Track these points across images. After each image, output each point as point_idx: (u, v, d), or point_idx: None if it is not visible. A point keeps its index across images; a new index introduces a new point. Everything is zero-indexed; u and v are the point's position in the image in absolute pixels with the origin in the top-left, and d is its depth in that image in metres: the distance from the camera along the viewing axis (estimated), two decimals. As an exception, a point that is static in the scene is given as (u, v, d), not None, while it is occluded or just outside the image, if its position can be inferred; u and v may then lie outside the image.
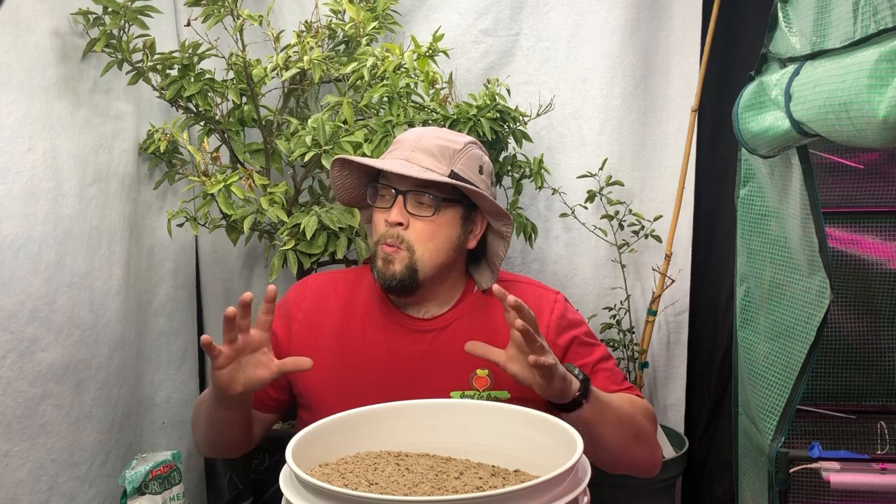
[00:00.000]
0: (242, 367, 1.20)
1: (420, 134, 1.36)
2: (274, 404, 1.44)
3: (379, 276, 1.32)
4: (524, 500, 0.84)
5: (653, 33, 2.20)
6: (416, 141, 1.34)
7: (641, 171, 2.24)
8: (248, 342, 1.19)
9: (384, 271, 1.31)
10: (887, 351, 1.88)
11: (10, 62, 1.53)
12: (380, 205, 1.34)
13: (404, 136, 1.38)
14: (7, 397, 1.52)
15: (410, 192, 1.31)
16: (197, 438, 1.42)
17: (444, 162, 1.31)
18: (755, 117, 1.52)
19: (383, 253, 1.31)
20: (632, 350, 2.15)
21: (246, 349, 1.20)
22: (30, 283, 1.56)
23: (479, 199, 1.34)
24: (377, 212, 1.34)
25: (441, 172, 1.30)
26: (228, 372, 1.19)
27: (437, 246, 1.33)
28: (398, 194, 1.31)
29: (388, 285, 1.32)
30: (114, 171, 1.83)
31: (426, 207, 1.32)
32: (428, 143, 1.33)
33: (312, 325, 1.40)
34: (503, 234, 1.39)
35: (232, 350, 1.18)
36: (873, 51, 1.05)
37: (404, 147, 1.34)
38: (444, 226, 1.33)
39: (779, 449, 1.52)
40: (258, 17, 1.79)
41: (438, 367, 1.34)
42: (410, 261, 1.31)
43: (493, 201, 1.33)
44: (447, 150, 1.33)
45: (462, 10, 2.18)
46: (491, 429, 1.10)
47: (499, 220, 1.37)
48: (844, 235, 1.90)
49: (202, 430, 1.37)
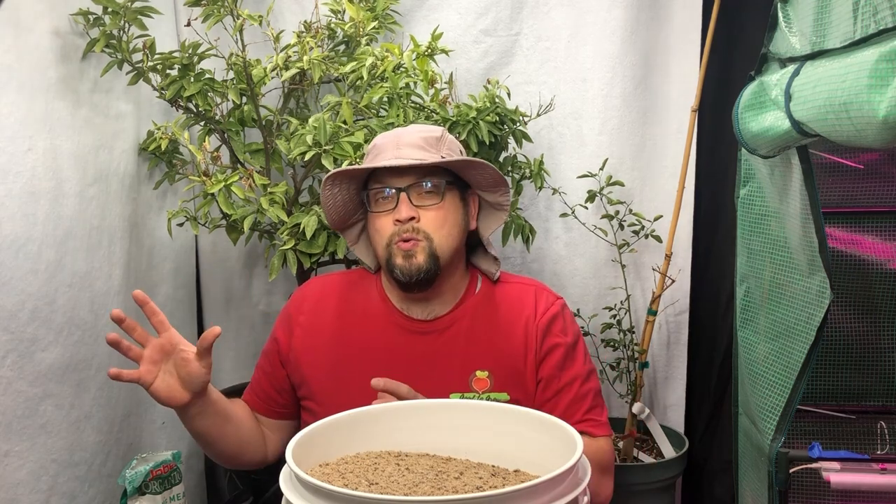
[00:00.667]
0: (171, 373, 1.20)
1: (397, 134, 1.37)
2: (283, 409, 1.43)
3: (403, 273, 1.30)
4: (524, 500, 0.84)
5: (653, 33, 2.20)
6: (397, 140, 1.34)
7: (641, 171, 2.24)
8: (158, 348, 1.19)
9: (408, 267, 1.30)
10: (887, 351, 1.88)
11: (10, 62, 1.53)
12: (381, 208, 1.34)
13: (382, 141, 1.37)
14: (7, 397, 1.52)
15: (412, 186, 1.31)
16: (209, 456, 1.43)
17: (432, 150, 1.33)
18: (755, 117, 1.52)
19: (402, 250, 1.30)
20: (632, 350, 2.15)
21: (161, 357, 1.19)
22: (30, 283, 1.56)
23: (481, 170, 1.34)
24: (379, 216, 1.34)
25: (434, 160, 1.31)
26: (162, 384, 1.19)
27: (449, 230, 1.34)
28: (399, 192, 1.31)
29: (415, 279, 1.30)
30: (114, 171, 1.83)
31: (432, 195, 1.32)
32: (409, 139, 1.34)
33: (313, 327, 1.40)
34: (501, 204, 1.39)
35: (147, 363, 1.18)
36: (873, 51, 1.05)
37: (388, 148, 1.34)
38: (451, 210, 1.34)
39: (779, 449, 1.52)
40: (258, 17, 1.79)
41: (438, 369, 1.34)
42: (430, 248, 1.31)
43: (495, 168, 1.35)
44: (430, 139, 1.34)
45: (462, 10, 2.18)
46: (491, 429, 1.10)
47: (496, 191, 1.38)
48: (844, 235, 1.90)
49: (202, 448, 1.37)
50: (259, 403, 1.43)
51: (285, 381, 1.41)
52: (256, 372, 1.47)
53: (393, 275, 1.32)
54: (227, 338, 2.33)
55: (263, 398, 1.44)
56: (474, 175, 1.36)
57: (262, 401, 1.43)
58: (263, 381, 1.44)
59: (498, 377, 1.33)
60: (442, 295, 1.38)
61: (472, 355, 1.35)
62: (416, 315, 1.38)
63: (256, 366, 1.48)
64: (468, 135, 1.81)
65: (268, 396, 1.43)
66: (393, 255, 1.32)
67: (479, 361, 1.34)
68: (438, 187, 1.32)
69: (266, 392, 1.43)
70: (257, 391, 1.45)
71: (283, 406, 1.43)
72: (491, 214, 1.42)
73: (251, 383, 1.47)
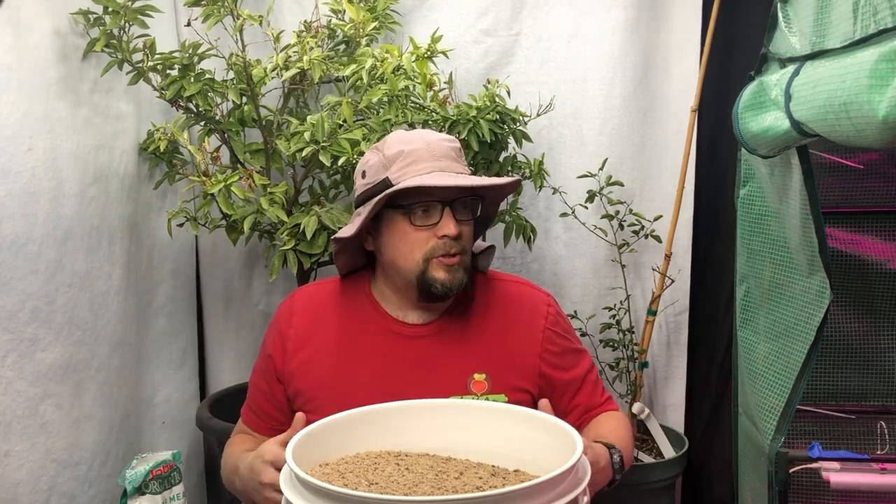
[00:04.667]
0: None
1: (426, 141, 1.31)
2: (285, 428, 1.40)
3: (444, 287, 1.29)
4: (524, 500, 0.84)
5: (653, 33, 2.20)
6: (430, 150, 1.29)
7: (641, 171, 2.24)
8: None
9: (451, 282, 1.29)
10: (887, 351, 1.88)
11: (10, 62, 1.53)
12: (422, 222, 1.29)
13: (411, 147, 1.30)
14: (7, 397, 1.52)
15: (457, 200, 1.29)
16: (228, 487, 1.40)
17: (461, 163, 1.32)
18: (755, 117, 1.52)
19: (445, 266, 1.29)
20: (632, 350, 2.15)
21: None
22: (30, 283, 1.56)
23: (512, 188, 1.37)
24: (419, 230, 1.29)
25: (485, 181, 1.30)
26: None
27: (472, 244, 1.35)
28: (444, 207, 1.28)
29: (454, 293, 1.31)
30: (114, 171, 1.83)
31: (469, 211, 1.32)
32: (441, 150, 1.30)
33: (305, 339, 1.37)
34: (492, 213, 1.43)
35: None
36: (873, 51, 1.05)
37: (424, 157, 1.29)
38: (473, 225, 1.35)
39: (779, 449, 1.52)
40: (258, 17, 1.79)
41: (435, 373, 1.33)
42: (467, 263, 1.32)
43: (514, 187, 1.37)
44: (456, 150, 1.33)
45: (462, 10, 2.18)
46: (491, 429, 1.10)
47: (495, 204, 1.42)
48: (844, 235, 1.90)
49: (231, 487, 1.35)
50: (262, 426, 1.40)
51: (283, 398, 1.38)
52: (254, 392, 1.42)
53: (430, 289, 1.30)
54: (227, 338, 2.33)
55: (266, 419, 1.40)
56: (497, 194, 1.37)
57: (264, 422, 1.40)
58: (263, 402, 1.40)
59: (495, 379, 1.33)
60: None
61: (468, 358, 1.34)
62: (411, 320, 1.36)
63: (252, 384, 1.44)
64: (469, 134, 1.81)
65: (270, 417, 1.39)
66: (432, 269, 1.29)
67: (476, 364, 1.34)
68: (475, 203, 1.33)
69: (267, 412, 1.40)
70: (259, 414, 1.41)
71: (283, 424, 1.39)
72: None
73: (250, 404, 1.43)
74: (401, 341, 1.35)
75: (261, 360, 1.41)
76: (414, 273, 1.30)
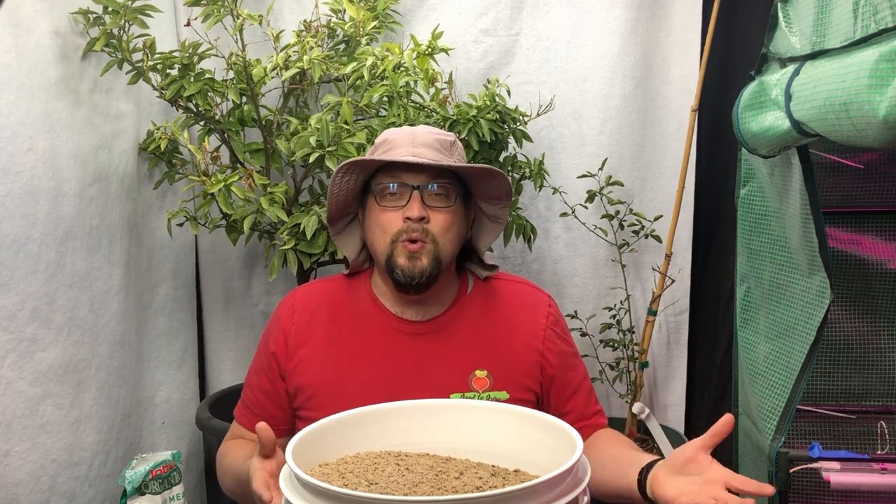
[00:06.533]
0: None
1: (412, 131, 1.34)
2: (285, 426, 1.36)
3: (404, 274, 1.28)
4: (524, 500, 0.84)
5: (653, 33, 2.20)
6: (412, 137, 1.32)
7: (641, 171, 2.24)
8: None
9: (411, 268, 1.27)
10: (887, 351, 1.88)
11: (10, 62, 1.53)
12: (389, 203, 1.31)
13: (395, 136, 1.34)
14: (7, 397, 1.52)
15: (426, 185, 1.29)
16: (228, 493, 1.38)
17: (445, 154, 1.31)
18: (755, 117, 1.52)
19: (407, 251, 1.28)
20: (632, 350, 2.15)
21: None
22: (30, 283, 1.56)
23: (496, 180, 1.33)
24: (385, 211, 1.30)
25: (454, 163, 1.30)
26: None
27: (453, 236, 1.32)
28: (413, 190, 1.29)
29: (416, 282, 1.28)
30: (114, 171, 1.83)
31: (443, 198, 1.30)
32: (425, 138, 1.32)
33: (306, 335, 1.37)
34: (499, 217, 1.39)
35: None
36: (873, 51, 1.05)
37: (404, 144, 1.31)
38: (458, 215, 1.33)
39: (779, 449, 1.52)
40: (258, 16, 1.79)
41: (437, 370, 1.33)
42: (435, 252, 1.29)
43: (509, 181, 1.34)
44: (444, 142, 1.33)
45: (462, 10, 2.18)
46: (491, 429, 1.10)
47: (497, 203, 1.38)
48: (844, 235, 1.90)
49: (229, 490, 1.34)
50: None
51: (285, 396, 1.38)
52: (253, 393, 1.40)
53: (393, 274, 1.30)
54: (226, 338, 2.33)
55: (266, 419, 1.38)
56: (484, 185, 1.35)
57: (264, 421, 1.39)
58: (265, 401, 1.38)
59: (497, 376, 1.33)
60: (436, 296, 1.37)
61: (470, 354, 1.34)
62: (410, 317, 1.36)
63: (249, 385, 1.41)
64: (469, 133, 1.81)
65: (272, 416, 1.37)
66: (396, 254, 1.29)
67: (477, 360, 1.34)
68: (451, 191, 1.31)
69: (269, 412, 1.37)
70: (259, 414, 1.37)
71: (285, 423, 1.39)
72: (486, 226, 1.41)
73: (247, 405, 1.40)
74: (402, 338, 1.35)
75: (262, 358, 1.40)
76: (384, 256, 1.31)
